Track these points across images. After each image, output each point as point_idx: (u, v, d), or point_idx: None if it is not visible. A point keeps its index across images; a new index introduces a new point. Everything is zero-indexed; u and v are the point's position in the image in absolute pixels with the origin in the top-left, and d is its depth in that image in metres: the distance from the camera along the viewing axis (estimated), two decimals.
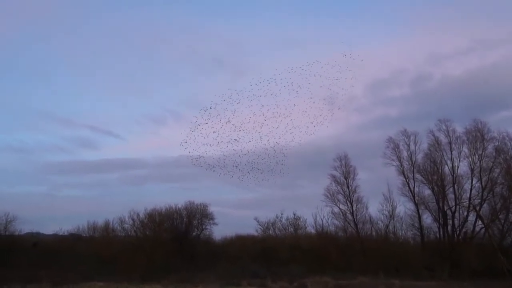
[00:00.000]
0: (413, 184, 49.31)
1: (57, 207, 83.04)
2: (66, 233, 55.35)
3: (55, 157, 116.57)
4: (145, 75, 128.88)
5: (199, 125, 41.09)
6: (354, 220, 51.04)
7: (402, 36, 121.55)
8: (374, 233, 51.66)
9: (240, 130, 40.89)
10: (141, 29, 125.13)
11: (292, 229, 56.68)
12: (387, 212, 50.72)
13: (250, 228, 57.97)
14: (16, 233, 51.30)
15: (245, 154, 42.83)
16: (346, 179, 52.46)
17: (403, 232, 50.94)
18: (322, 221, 54.03)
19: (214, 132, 41.27)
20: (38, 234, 57.19)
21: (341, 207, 51.89)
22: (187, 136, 41.79)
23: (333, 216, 52.78)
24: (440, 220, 47.63)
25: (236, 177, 43.46)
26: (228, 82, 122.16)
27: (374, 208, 51.95)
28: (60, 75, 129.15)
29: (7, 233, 50.15)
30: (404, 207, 49.97)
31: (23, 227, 52.89)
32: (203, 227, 55.34)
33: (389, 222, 50.44)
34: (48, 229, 65.68)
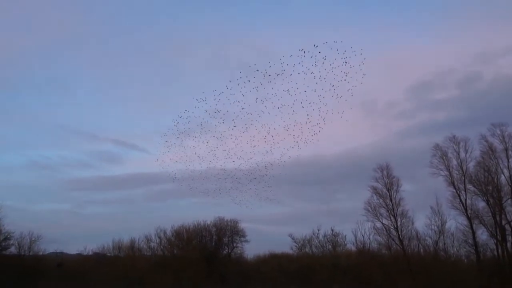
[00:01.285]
0: (464, 196, 47.18)
1: (81, 225, 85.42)
2: (90, 253, 56.63)
3: (79, 172, 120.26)
4: (169, 86, 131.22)
5: (226, 137, 40.96)
6: (399, 236, 49.34)
7: (448, 33, 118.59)
8: (421, 251, 49.80)
9: (272, 141, 40.35)
10: (164, 41, 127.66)
11: (330, 246, 55.73)
12: (436, 227, 48.72)
13: (284, 246, 57.44)
14: (41, 253, 52.93)
15: (277, 166, 42.12)
16: (388, 191, 50.97)
17: (455, 249, 48.71)
18: (363, 237, 52.78)
19: (246, 143, 40.93)
20: (62, 254, 58.69)
21: (384, 222, 50.34)
22: (214, 148, 41.73)
23: (375, 232, 51.33)
24: (498, 236, 45.29)
25: (268, 191, 42.92)
26: (256, 91, 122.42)
27: (421, 223, 50.14)
28: (83, 90, 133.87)
29: (31, 253, 51.72)
30: (455, 221, 47.78)
31: (47, 247, 54.63)
32: (234, 244, 55.44)
33: (439, 238, 48.43)
34: (72, 248, 67.43)
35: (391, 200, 50.58)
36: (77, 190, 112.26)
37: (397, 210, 50.07)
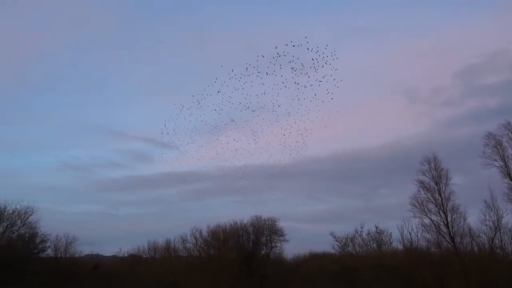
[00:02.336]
0: None
1: (115, 226, 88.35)
2: (125, 254, 58.27)
3: (111, 173, 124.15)
4: (199, 80, 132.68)
5: (261, 132, 41.02)
6: (449, 233, 47.94)
7: (498, 12, 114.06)
8: (475, 249, 48.32)
9: (308, 135, 40.11)
10: (192, 33, 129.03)
11: (375, 244, 54.99)
12: (491, 222, 47.00)
13: (325, 245, 57.18)
14: (77, 255, 55.03)
15: (315, 161, 41.88)
16: (437, 185, 49.59)
17: None
18: (410, 234, 51.69)
19: (283, 135, 40.81)
20: (97, 256, 60.80)
21: (432, 218, 48.97)
22: (250, 144, 41.92)
23: (423, 228, 49.99)
24: None
25: (308, 188, 42.73)
26: (291, 81, 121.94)
27: (474, 219, 48.54)
28: (112, 88, 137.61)
29: (67, 255, 53.83)
30: None
31: (83, 249, 56.70)
32: (273, 244, 55.50)
33: (495, 234, 46.72)
34: (108, 250, 69.65)
35: (440, 194, 49.24)
36: (109, 191, 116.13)
37: (447, 205, 48.66)
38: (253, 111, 36.80)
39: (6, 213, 48.65)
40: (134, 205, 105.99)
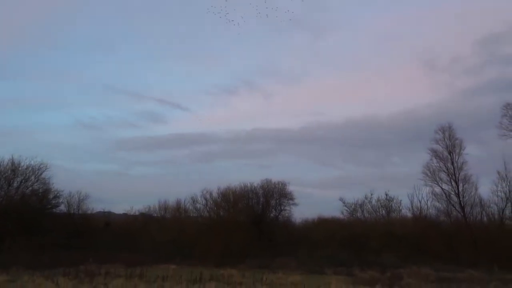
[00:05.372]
0: None
1: (127, 185, 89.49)
2: (136, 213, 59.32)
3: (125, 132, 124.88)
4: (214, 42, 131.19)
5: (274, 95, 40.57)
6: (460, 203, 48.23)
7: None
8: (485, 218, 48.63)
9: (324, 99, 39.69)
10: None
11: (384, 211, 55.29)
12: (502, 193, 47.10)
13: (334, 210, 57.62)
14: (89, 211, 56.22)
15: (328, 126, 41.65)
16: (450, 154, 49.57)
17: None
18: (420, 203, 52.05)
19: (295, 101, 40.44)
20: (109, 213, 61.92)
21: (444, 187, 49.28)
22: (262, 108, 41.57)
23: (433, 197, 50.41)
24: None
25: (319, 153, 42.67)
26: (307, 44, 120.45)
27: (485, 189, 48.67)
28: (127, 48, 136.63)
29: (80, 211, 54.99)
30: None
31: (95, 206, 57.83)
32: (282, 207, 55.95)
33: (505, 205, 46.88)
34: (119, 208, 70.96)
35: (452, 163, 49.35)
36: (122, 150, 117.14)
37: (459, 174, 48.84)
38: (266, 74, 36.25)
39: (20, 168, 49.44)
40: (145, 165, 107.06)
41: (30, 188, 50.25)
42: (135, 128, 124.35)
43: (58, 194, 52.55)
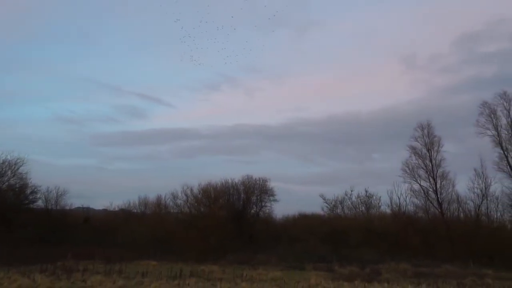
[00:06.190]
0: None
1: (107, 181, 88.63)
2: (116, 208, 58.81)
3: (105, 127, 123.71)
4: (196, 37, 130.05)
5: (256, 91, 40.59)
6: (437, 199, 49.06)
7: None
8: (462, 215, 49.55)
9: (306, 96, 39.87)
10: None
11: (363, 208, 55.91)
12: (479, 190, 48.11)
13: (315, 206, 58.17)
14: (67, 207, 55.49)
15: (311, 124, 41.87)
16: (428, 151, 50.36)
17: (498, 214, 48.31)
18: (399, 199, 52.77)
19: (276, 98, 40.52)
20: (88, 209, 61.16)
21: (422, 184, 50.07)
22: (244, 104, 41.54)
23: (412, 194, 51.18)
24: None
25: (301, 149, 42.89)
26: (290, 41, 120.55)
27: (462, 186, 49.65)
28: (108, 41, 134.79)
29: (58, 207, 54.19)
30: (500, 184, 47.09)
31: (74, 202, 57.11)
32: (263, 204, 56.05)
33: (482, 202, 47.86)
34: (98, 204, 70.15)
35: (431, 160, 50.16)
36: (103, 145, 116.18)
37: (437, 171, 49.67)
38: (249, 70, 36.23)
39: None
40: (125, 160, 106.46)
41: (7, 183, 49.35)
42: (116, 122, 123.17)
43: (35, 190, 51.83)
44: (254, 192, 55.48)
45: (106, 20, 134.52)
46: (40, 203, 53.03)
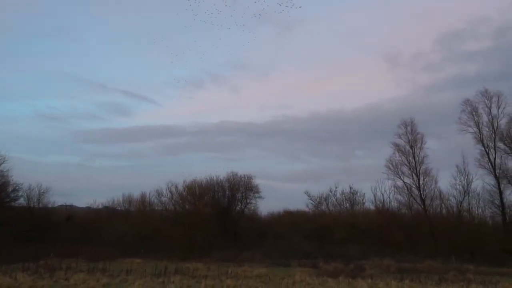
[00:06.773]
0: (493, 155, 46.94)
1: (90, 178, 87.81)
2: (100, 206, 58.27)
3: (88, 124, 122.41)
4: (180, 35, 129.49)
5: (241, 89, 40.53)
6: (420, 196, 49.64)
7: None
8: (444, 211, 50.20)
9: (290, 93, 39.95)
10: None
11: (348, 204, 56.36)
12: (460, 186, 48.84)
13: (300, 203, 58.44)
14: (50, 205, 54.79)
15: (295, 121, 41.97)
16: (412, 148, 50.95)
17: (480, 210, 49.03)
18: (383, 196, 53.35)
19: (261, 95, 40.52)
20: (71, 207, 60.47)
21: (405, 181, 50.66)
22: (228, 101, 41.45)
23: (396, 190, 51.75)
24: None
25: (285, 147, 42.99)
26: (274, 39, 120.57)
27: (445, 182, 50.46)
28: (92, 38, 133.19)
29: (40, 205, 53.43)
30: (482, 181, 47.85)
31: (56, 199, 56.37)
32: (248, 201, 56.04)
33: (463, 198, 48.58)
34: (81, 202, 69.48)
35: (414, 157, 50.72)
36: (86, 142, 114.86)
37: (420, 168, 50.27)
38: (233, 68, 36.14)
39: None
40: (109, 158, 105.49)
41: None
42: (99, 120, 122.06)
43: (17, 187, 51.06)
44: (239, 189, 55.43)
45: (89, 16, 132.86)
46: (22, 201, 52.34)
